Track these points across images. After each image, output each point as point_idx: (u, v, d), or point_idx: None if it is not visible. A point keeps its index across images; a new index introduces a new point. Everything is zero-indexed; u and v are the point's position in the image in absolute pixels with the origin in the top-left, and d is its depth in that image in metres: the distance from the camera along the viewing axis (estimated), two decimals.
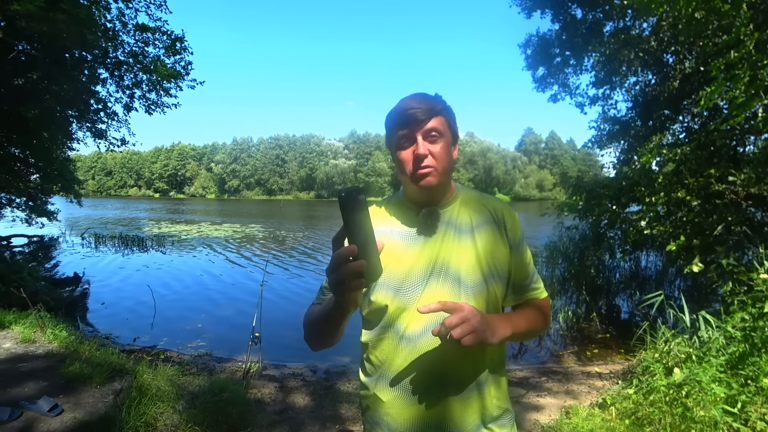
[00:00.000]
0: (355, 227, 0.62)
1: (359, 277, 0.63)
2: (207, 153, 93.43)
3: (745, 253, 5.03)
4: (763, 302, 2.86)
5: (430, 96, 0.90)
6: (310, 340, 0.90)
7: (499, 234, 0.96)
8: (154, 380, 2.97)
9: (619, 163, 8.19)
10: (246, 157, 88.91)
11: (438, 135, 0.88)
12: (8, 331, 4.00)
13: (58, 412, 2.56)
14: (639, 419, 2.55)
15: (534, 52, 9.63)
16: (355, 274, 0.62)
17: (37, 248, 12.23)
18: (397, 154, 0.90)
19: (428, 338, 0.87)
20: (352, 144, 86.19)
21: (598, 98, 9.11)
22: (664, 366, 2.88)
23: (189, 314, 6.61)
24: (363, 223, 0.62)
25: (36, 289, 6.28)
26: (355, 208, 0.61)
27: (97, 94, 9.25)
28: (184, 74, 9.52)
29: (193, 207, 47.12)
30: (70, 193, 10.84)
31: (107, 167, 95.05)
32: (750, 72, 3.66)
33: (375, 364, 0.94)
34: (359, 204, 0.62)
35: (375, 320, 0.92)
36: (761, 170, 4.57)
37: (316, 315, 0.86)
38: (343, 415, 3.09)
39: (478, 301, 0.90)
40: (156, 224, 23.22)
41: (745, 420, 2.16)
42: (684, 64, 6.90)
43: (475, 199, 1.00)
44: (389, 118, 0.91)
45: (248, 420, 2.82)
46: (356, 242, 0.62)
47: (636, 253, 7.53)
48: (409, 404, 0.88)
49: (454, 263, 0.90)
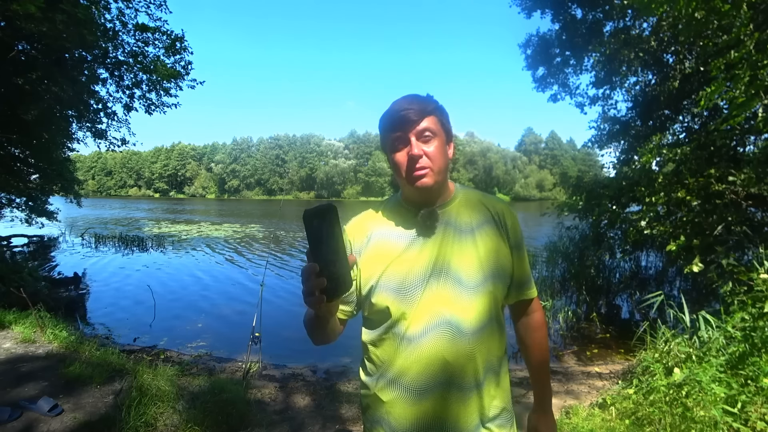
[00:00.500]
0: (317, 245, 0.65)
1: (322, 293, 0.66)
2: (207, 153, 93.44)
3: (745, 253, 5.02)
4: (763, 302, 2.86)
5: (422, 96, 0.90)
6: (310, 337, 0.92)
7: (499, 234, 0.96)
8: (154, 380, 2.97)
9: (619, 163, 8.17)
10: (246, 157, 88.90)
11: (431, 135, 0.88)
12: (8, 331, 4.00)
13: (58, 412, 2.55)
14: (639, 419, 2.55)
15: (534, 52, 9.61)
16: (319, 290, 0.65)
17: (37, 248, 12.24)
18: (392, 156, 0.90)
19: (429, 338, 0.87)
20: (352, 144, 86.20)
21: (598, 98, 9.09)
22: (664, 366, 2.88)
23: (189, 314, 6.61)
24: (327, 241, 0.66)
25: (36, 289, 6.28)
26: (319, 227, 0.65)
27: (97, 94, 9.26)
28: (184, 74, 9.52)
29: (193, 207, 47.13)
30: (69, 193, 10.85)
31: (107, 167, 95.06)
32: (750, 72, 3.65)
33: (376, 364, 0.94)
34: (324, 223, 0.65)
35: (376, 321, 0.92)
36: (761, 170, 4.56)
37: (307, 316, 0.88)
38: (343, 415, 3.09)
39: (480, 301, 0.90)
40: (156, 224, 23.22)
41: (745, 420, 2.16)
42: (684, 64, 6.89)
43: (474, 198, 1.00)
44: (382, 121, 0.91)
45: (248, 420, 2.82)
46: (318, 260, 0.65)
47: (636, 253, 7.52)
48: (410, 404, 0.89)
49: (454, 263, 0.90)
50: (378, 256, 0.91)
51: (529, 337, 1.07)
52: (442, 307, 0.88)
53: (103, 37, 8.10)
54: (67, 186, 10.62)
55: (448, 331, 0.87)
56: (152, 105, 9.80)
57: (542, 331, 1.07)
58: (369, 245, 0.93)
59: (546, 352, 1.08)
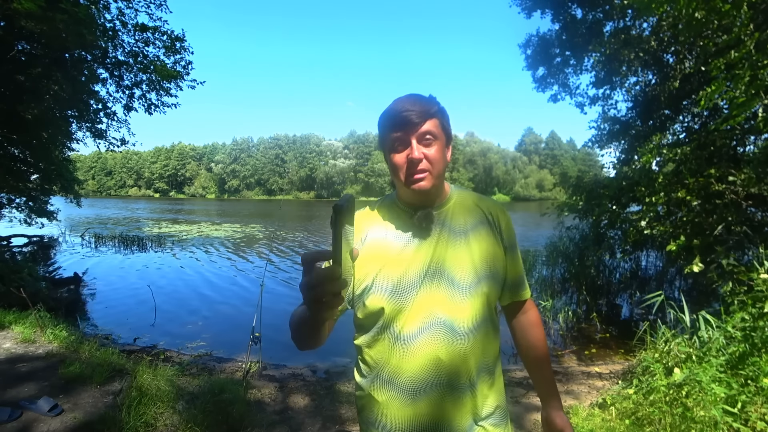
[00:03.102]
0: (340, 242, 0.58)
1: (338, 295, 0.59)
2: (207, 153, 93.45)
3: (745, 253, 5.02)
4: (763, 302, 2.86)
5: (425, 98, 0.89)
6: (295, 342, 0.86)
7: (493, 235, 0.97)
8: (154, 380, 2.97)
9: (619, 163, 8.17)
10: (246, 157, 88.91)
11: (433, 138, 0.87)
12: (8, 331, 4.00)
13: (58, 412, 2.55)
14: (639, 419, 2.55)
15: (534, 52, 9.62)
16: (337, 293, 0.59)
17: (37, 248, 12.24)
18: (391, 157, 0.89)
19: (423, 339, 0.87)
20: (351, 144, 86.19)
21: (598, 98, 9.11)
22: (664, 366, 2.88)
23: (189, 314, 6.61)
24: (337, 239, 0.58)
25: (36, 289, 6.28)
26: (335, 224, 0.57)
27: (97, 94, 9.24)
28: (184, 74, 9.52)
29: (193, 207, 47.12)
30: (69, 193, 10.85)
31: (107, 167, 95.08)
32: (750, 72, 3.66)
33: (370, 365, 0.94)
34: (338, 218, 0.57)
35: (370, 323, 0.92)
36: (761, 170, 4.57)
37: (297, 318, 0.82)
38: (343, 415, 3.09)
39: (473, 302, 0.90)
40: (156, 224, 23.22)
41: (745, 420, 2.16)
42: (684, 64, 6.89)
43: (468, 200, 1.00)
44: (383, 119, 0.90)
45: (248, 420, 2.82)
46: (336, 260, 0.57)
47: (636, 253, 7.53)
48: (404, 404, 0.89)
49: (448, 265, 0.90)
50: (373, 257, 0.91)
51: (527, 335, 1.06)
52: (437, 307, 0.88)
53: (103, 37, 8.09)
54: (67, 186, 10.62)
55: (442, 332, 0.87)
56: (152, 105, 9.79)
57: (539, 328, 1.07)
58: (364, 245, 0.93)
59: (545, 349, 1.07)
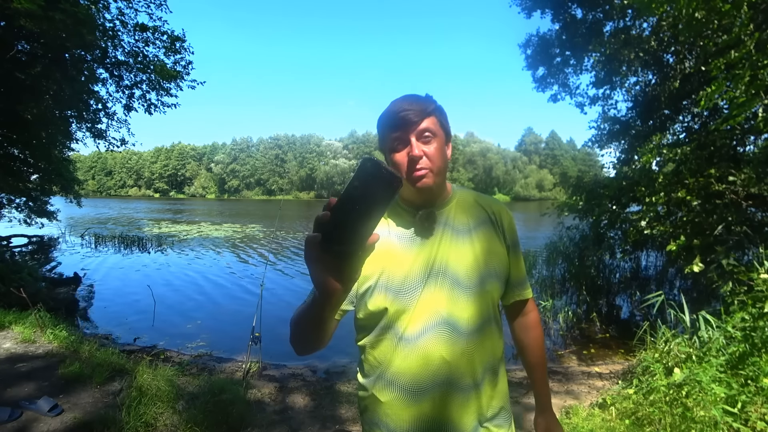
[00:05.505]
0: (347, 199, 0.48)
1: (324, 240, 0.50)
2: (207, 153, 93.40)
3: (745, 253, 5.02)
4: (763, 302, 2.86)
5: (421, 97, 0.90)
6: (296, 343, 0.83)
7: (496, 234, 0.97)
8: (154, 380, 2.96)
9: (619, 163, 8.17)
10: (246, 157, 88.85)
11: (431, 135, 0.88)
12: (8, 331, 4.00)
13: (58, 412, 2.55)
14: (639, 419, 2.55)
15: (534, 52, 9.61)
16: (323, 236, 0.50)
17: (37, 248, 12.22)
18: (391, 156, 0.90)
19: (427, 339, 0.87)
20: (352, 144, 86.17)
21: (598, 98, 9.10)
22: (664, 366, 2.88)
23: (189, 314, 6.61)
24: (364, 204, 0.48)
25: (36, 289, 6.28)
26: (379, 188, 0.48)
27: (97, 94, 9.24)
28: (184, 74, 9.51)
29: (192, 207, 47.11)
30: (69, 193, 10.83)
31: (107, 167, 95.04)
32: (750, 72, 3.66)
33: (373, 365, 0.93)
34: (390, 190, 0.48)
35: (373, 323, 0.91)
36: (761, 170, 4.57)
37: (299, 312, 0.80)
38: (343, 415, 3.09)
39: (477, 301, 0.90)
40: (156, 224, 23.22)
41: (745, 420, 2.16)
42: (684, 64, 6.89)
43: (471, 199, 1.00)
44: (381, 121, 0.91)
45: (248, 420, 2.82)
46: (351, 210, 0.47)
47: (636, 253, 7.53)
48: (408, 405, 0.88)
49: (452, 264, 0.90)
50: (376, 257, 0.90)
51: (526, 336, 1.08)
52: (440, 307, 0.88)
53: (103, 37, 8.09)
54: (67, 186, 10.61)
55: (446, 332, 0.87)
56: (152, 105, 9.79)
57: (538, 330, 1.09)
58: None
59: (543, 351, 1.09)
